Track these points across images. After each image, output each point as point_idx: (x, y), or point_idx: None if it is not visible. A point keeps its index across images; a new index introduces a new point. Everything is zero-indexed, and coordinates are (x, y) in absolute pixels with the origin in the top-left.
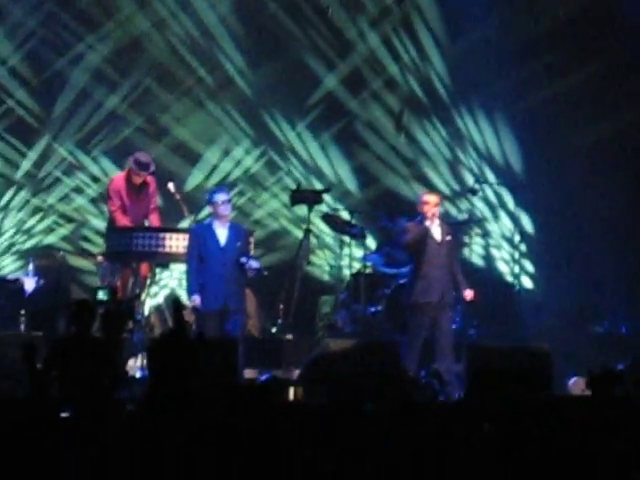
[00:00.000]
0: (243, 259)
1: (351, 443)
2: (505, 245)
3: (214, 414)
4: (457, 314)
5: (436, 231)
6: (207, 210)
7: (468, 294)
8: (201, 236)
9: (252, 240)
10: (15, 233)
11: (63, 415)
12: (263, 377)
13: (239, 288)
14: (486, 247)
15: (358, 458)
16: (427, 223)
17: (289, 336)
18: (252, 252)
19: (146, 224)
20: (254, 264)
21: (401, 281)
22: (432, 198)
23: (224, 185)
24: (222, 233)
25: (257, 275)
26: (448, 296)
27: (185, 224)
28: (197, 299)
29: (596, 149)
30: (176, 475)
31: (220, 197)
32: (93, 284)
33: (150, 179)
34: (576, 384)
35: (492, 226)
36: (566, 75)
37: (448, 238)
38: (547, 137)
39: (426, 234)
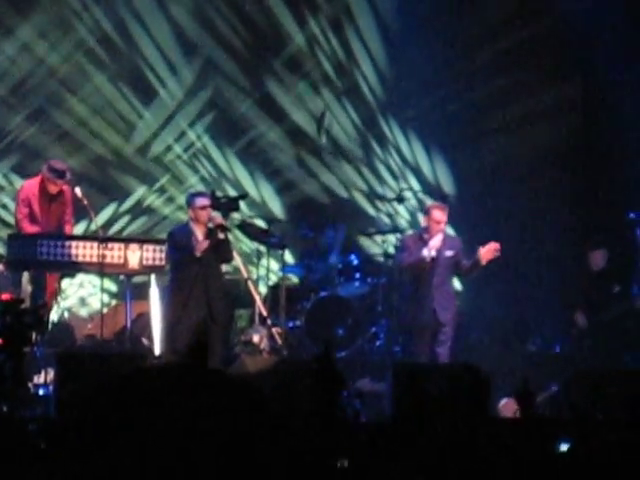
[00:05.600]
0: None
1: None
2: None
3: None
4: (381, 329)
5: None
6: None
7: (485, 252)
8: (180, 240)
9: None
10: None
11: None
12: None
13: (220, 294)
14: None
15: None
16: (424, 253)
17: None
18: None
19: None
20: (217, 218)
21: (322, 294)
22: (442, 217)
23: (204, 190)
24: (201, 239)
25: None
26: (443, 315)
27: (91, 229)
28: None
29: (527, 157)
30: None
31: (201, 201)
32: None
33: (66, 189)
34: (507, 406)
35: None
36: (497, 79)
37: (448, 253)
38: (477, 146)
39: (422, 259)
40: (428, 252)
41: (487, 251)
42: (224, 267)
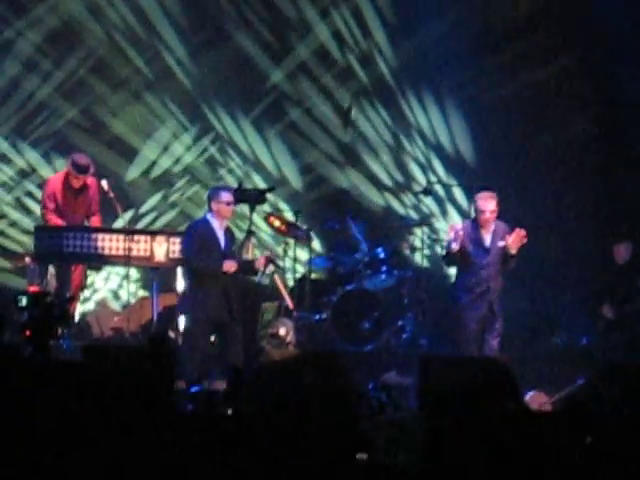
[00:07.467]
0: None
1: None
2: None
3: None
4: (407, 322)
5: (487, 237)
6: (152, 203)
7: (512, 240)
8: (202, 234)
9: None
10: None
11: None
12: (193, 389)
13: (238, 297)
14: (436, 249)
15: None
16: (453, 246)
17: None
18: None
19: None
20: (261, 259)
21: (349, 287)
22: (486, 206)
23: (228, 186)
24: (221, 235)
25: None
26: (497, 307)
27: (119, 224)
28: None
29: (555, 151)
30: None
31: (227, 196)
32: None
33: (91, 181)
34: (534, 398)
35: (441, 224)
36: (524, 71)
37: (501, 244)
38: (504, 135)
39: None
40: (454, 245)
41: (514, 240)
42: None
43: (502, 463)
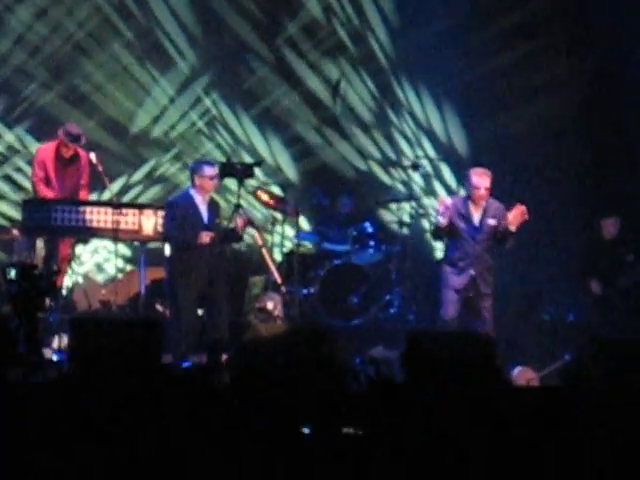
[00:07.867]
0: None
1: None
2: None
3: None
4: (395, 297)
5: (476, 214)
6: (140, 176)
7: (512, 217)
8: (184, 210)
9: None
10: None
11: None
12: (184, 364)
13: (222, 270)
14: (424, 224)
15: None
16: (441, 220)
17: None
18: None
19: None
20: (240, 221)
21: (336, 261)
22: (481, 182)
23: (213, 160)
24: (204, 209)
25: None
26: (483, 287)
27: (106, 196)
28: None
29: (540, 126)
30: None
31: (210, 171)
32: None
33: (83, 153)
34: (521, 374)
35: (430, 201)
36: (512, 49)
37: (491, 222)
38: (492, 115)
39: (457, 218)
40: (442, 219)
41: (514, 216)
42: None
43: (489, 438)
